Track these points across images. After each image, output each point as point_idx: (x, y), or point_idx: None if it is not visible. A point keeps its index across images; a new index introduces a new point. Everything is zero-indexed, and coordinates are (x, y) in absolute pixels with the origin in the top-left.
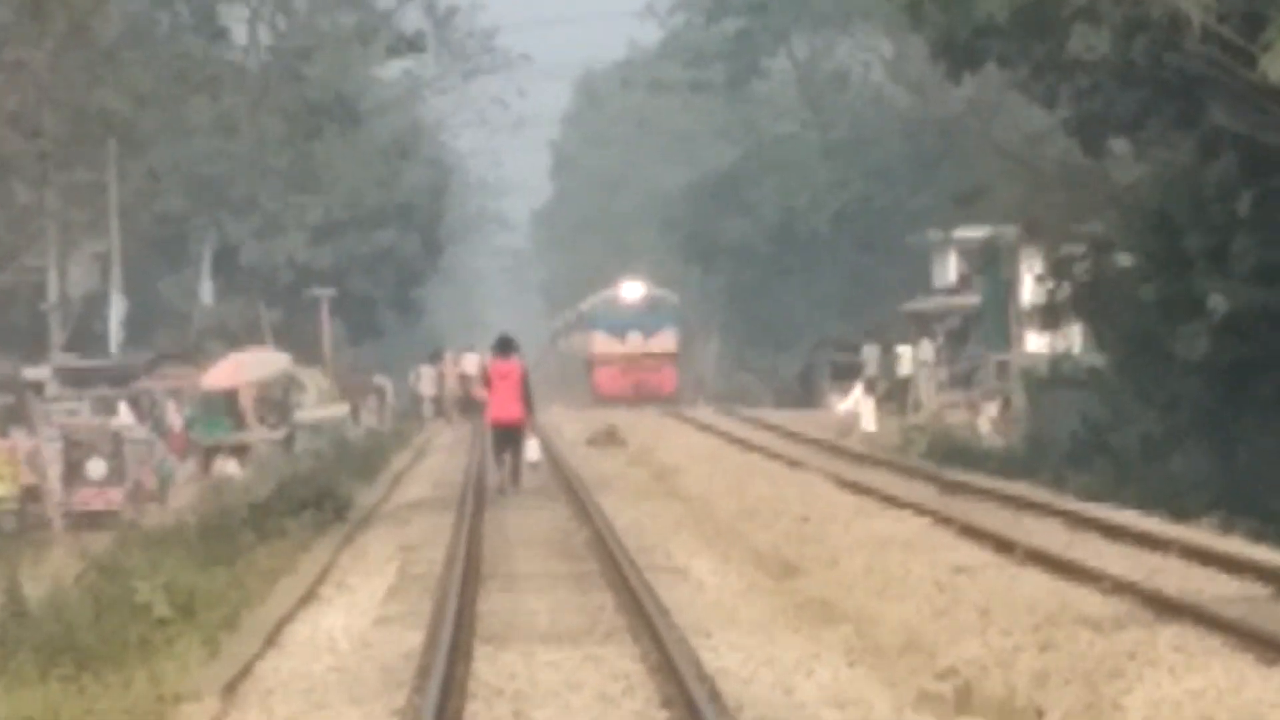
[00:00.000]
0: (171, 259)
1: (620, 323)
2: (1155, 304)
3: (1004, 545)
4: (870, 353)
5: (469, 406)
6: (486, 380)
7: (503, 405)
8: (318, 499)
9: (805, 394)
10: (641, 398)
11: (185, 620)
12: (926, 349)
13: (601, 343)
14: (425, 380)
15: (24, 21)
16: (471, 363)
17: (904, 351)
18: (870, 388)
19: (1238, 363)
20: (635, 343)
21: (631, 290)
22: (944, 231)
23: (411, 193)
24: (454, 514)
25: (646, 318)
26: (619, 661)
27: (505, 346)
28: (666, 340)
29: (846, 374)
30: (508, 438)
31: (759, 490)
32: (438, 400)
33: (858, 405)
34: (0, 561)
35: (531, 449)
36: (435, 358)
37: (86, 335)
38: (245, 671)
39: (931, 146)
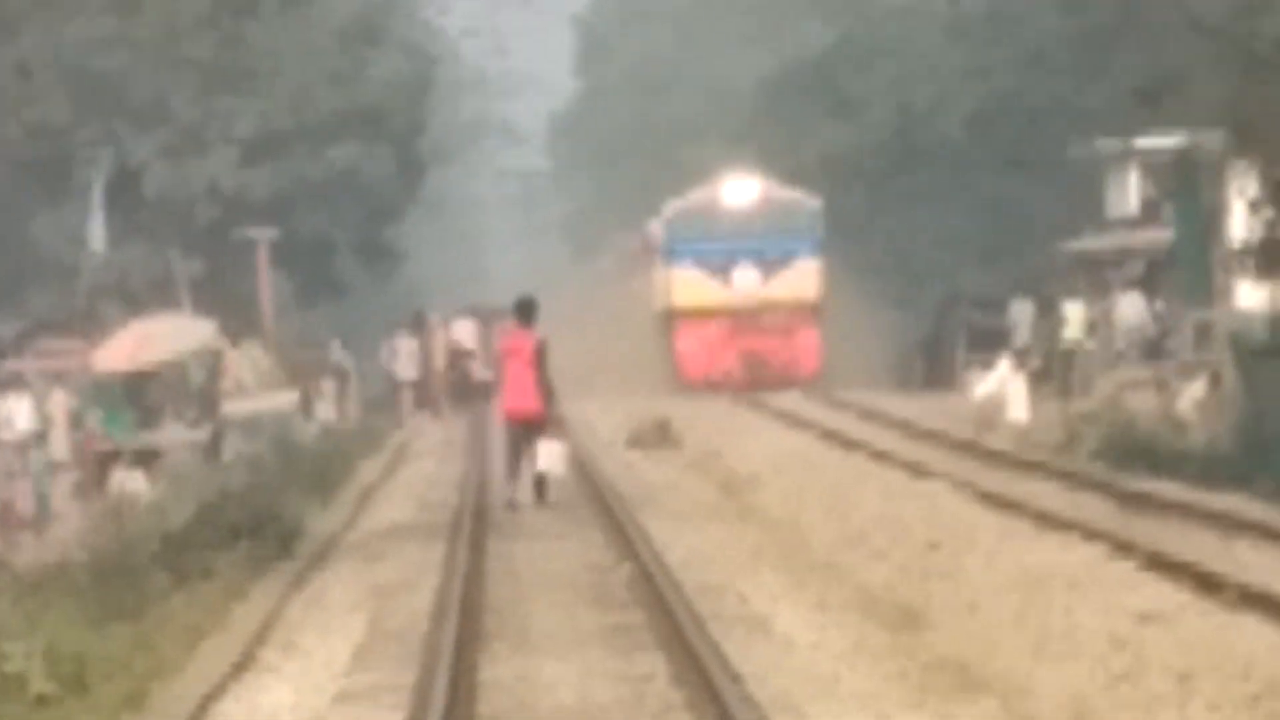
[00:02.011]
0: (50, 190)
1: (723, 249)
2: None
3: (1209, 583)
4: (1021, 312)
5: (466, 392)
6: (498, 357)
7: (520, 392)
8: (256, 525)
9: (931, 369)
10: (761, 382)
11: (74, 697)
12: (1128, 304)
13: (687, 284)
14: (404, 357)
15: None
16: (466, 331)
17: (1071, 311)
18: (1021, 362)
19: None
20: (749, 283)
21: (740, 189)
22: (1122, 140)
23: (382, 93)
24: (445, 545)
25: (768, 240)
26: None
27: (527, 311)
28: (803, 279)
29: (988, 342)
30: (526, 436)
31: (867, 508)
32: (421, 385)
33: (1003, 386)
34: None
35: (554, 456)
36: (417, 325)
37: None
38: None
39: (1105, 22)
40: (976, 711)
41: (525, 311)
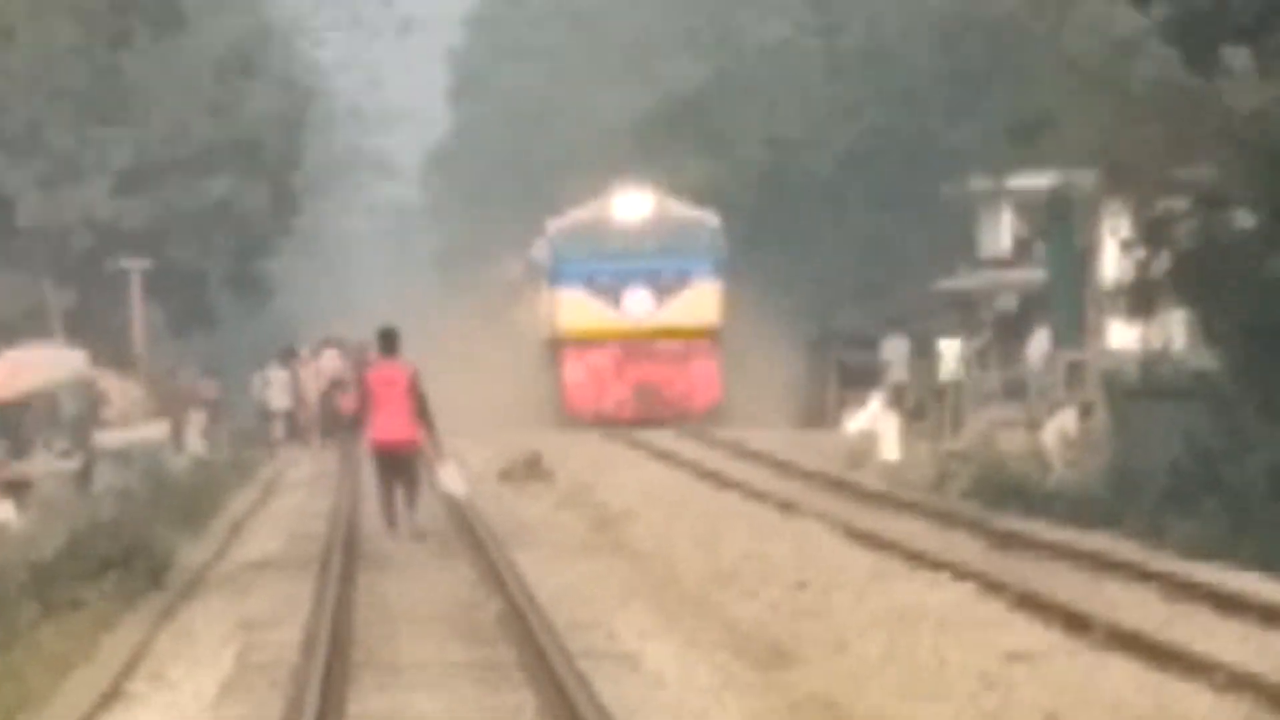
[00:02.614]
0: None
1: (614, 269)
2: None
3: (1078, 623)
4: (895, 350)
5: (335, 424)
6: (365, 388)
7: (389, 423)
8: (126, 557)
9: (804, 407)
10: (654, 415)
11: None
12: (1036, 344)
13: (574, 308)
14: (276, 388)
15: None
16: (333, 362)
17: (946, 348)
18: (894, 399)
19: None
20: (637, 307)
21: (630, 203)
22: (995, 179)
23: (256, 125)
24: (315, 578)
25: (663, 259)
26: None
27: (389, 342)
28: (701, 302)
29: (861, 380)
30: (397, 466)
31: (738, 544)
32: (292, 415)
33: (876, 424)
34: None
35: (452, 478)
36: (287, 356)
37: None
38: None
39: (978, 60)
40: None
41: (388, 342)
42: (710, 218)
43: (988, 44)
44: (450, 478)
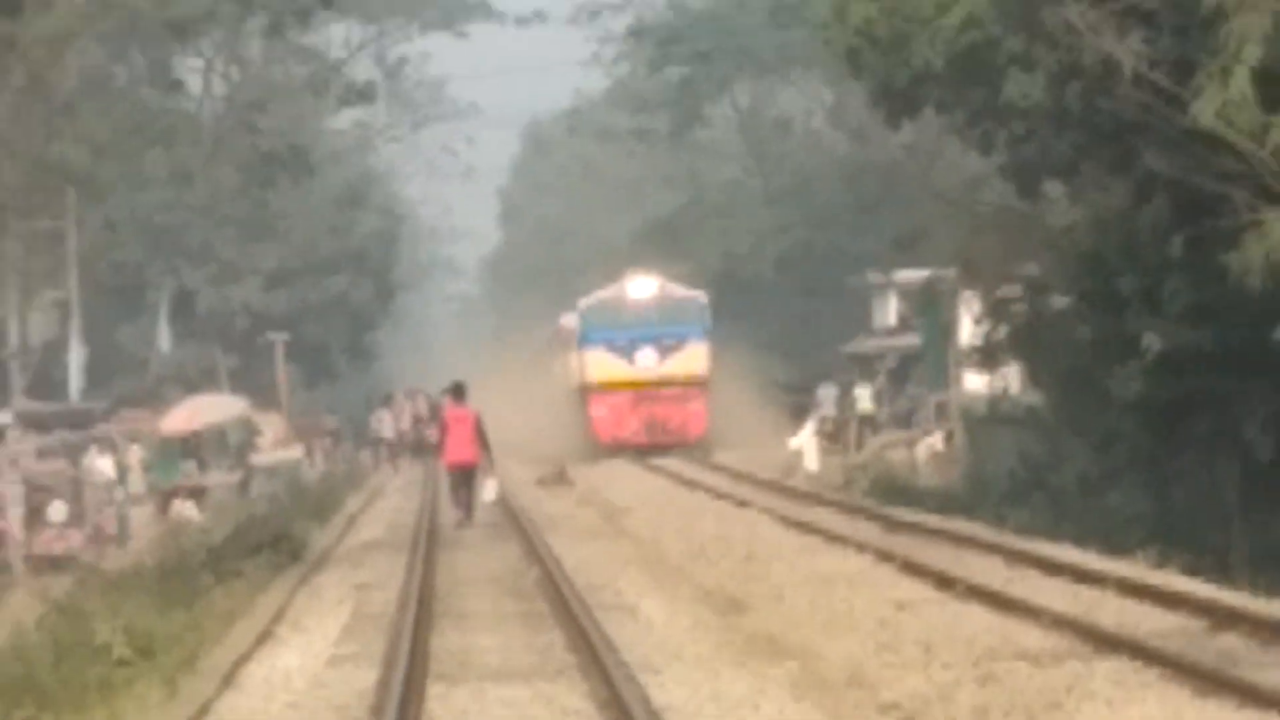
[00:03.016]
0: (130, 306)
1: (624, 335)
2: (1090, 344)
3: (945, 581)
4: (826, 393)
5: (421, 449)
6: (442, 424)
7: (459, 448)
8: (274, 541)
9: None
10: (658, 443)
11: (144, 661)
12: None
13: (599, 364)
14: (384, 423)
15: None
16: (419, 405)
17: (861, 391)
18: (821, 427)
19: (1172, 402)
20: (646, 362)
21: (641, 286)
22: (884, 274)
23: (364, 240)
24: (407, 555)
25: (662, 326)
26: (569, 698)
27: (459, 392)
28: (694, 360)
29: (798, 414)
30: (464, 479)
31: (706, 529)
32: (391, 444)
33: (805, 443)
34: None
35: (490, 489)
36: (387, 400)
37: (47, 381)
38: (203, 711)
39: (871, 191)
40: (782, 671)
41: (458, 392)
42: (700, 296)
43: (879, 180)
44: (489, 490)
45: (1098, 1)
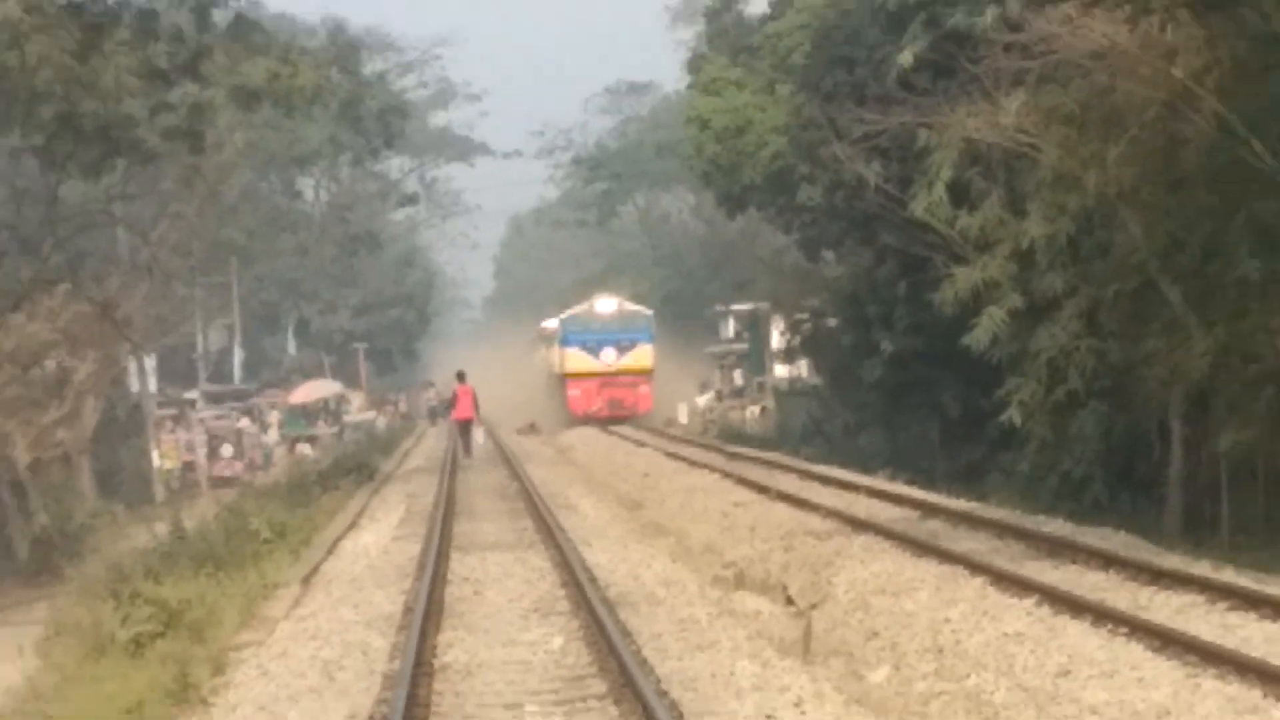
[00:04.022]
0: (270, 327)
1: (593, 338)
2: (849, 348)
3: (762, 489)
4: (710, 377)
5: (446, 413)
6: (453, 395)
7: (463, 410)
8: (357, 467)
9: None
10: (616, 416)
11: (279, 540)
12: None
13: (575, 359)
14: (428, 398)
15: (181, 189)
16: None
17: (724, 375)
18: (716, 397)
19: (898, 383)
20: (609, 358)
21: (605, 304)
22: (725, 306)
23: (411, 287)
24: (438, 475)
25: (620, 332)
26: (536, 560)
27: (462, 377)
28: (642, 356)
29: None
30: (465, 429)
31: (619, 459)
32: (432, 411)
33: (682, 410)
34: (169, 507)
35: (479, 435)
36: (426, 385)
37: (220, 373)
38: (314, 570)
39: (718, 257)
40: (664, 544)
41: (461, 376)
42: (647, 311)
43: (723, 250)
44: (479, 436)
45: (853, 143)
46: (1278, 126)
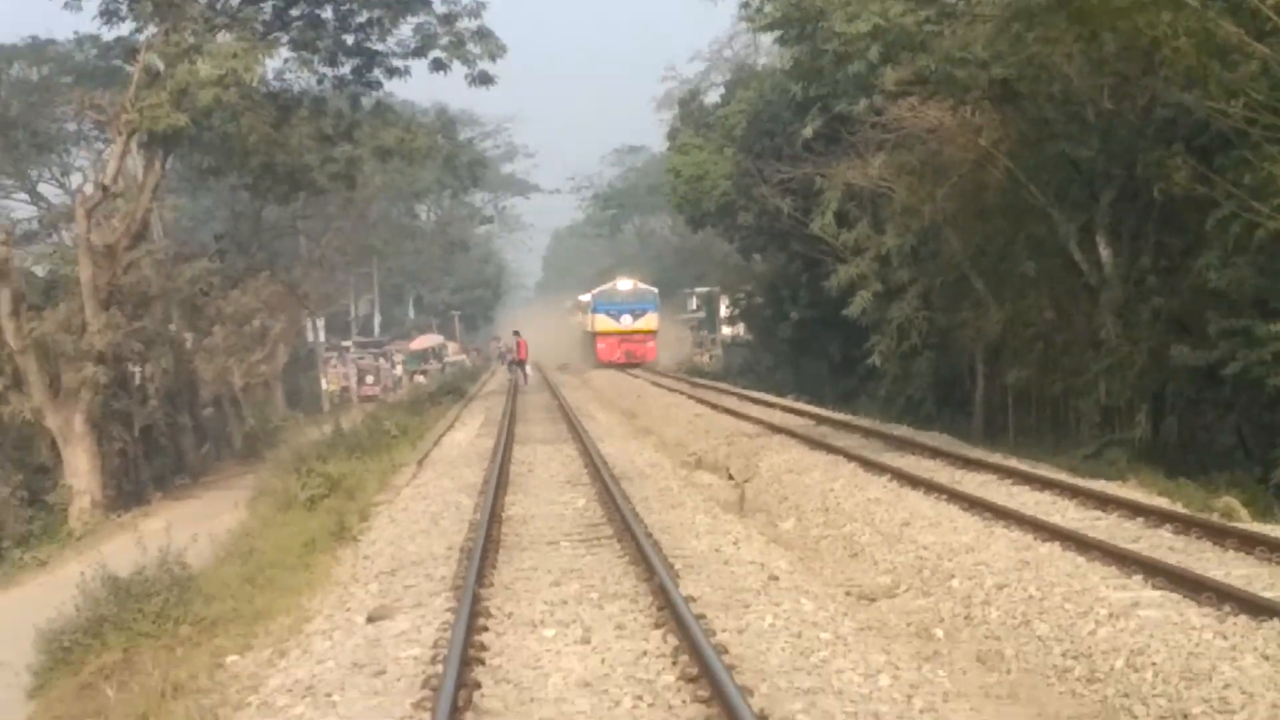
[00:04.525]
0: (397, 300)
1: (615, 307)
2: (770, 316)
3: (713, 406)
4: (682, 335)
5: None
6: (513, 345)
7: (520, 352)
8: (454, 390)
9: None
10: (630, 363)
11: (402, 436)
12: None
13: (602, 322)
14: (500, 346)
15: (340, 212)
16: (509, 339)
17: (685, 334)
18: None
19: (801, 339)
20: (626, 322)
21: (624, 284)
22: (692, 290)
23: (488, 276)
24: (506, 396)
25: (635, 304)
26: (568, 450)
27: (517, 334)
28: (650, 321)
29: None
30: (521, 365)
31: (625, 387)
32: (501, 355)
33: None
34: (332, 415)
35: (530, 370)
36: (496, 339)
37: (365, 329)
38: (426, 455)
39: (687, 258)
40: (650, 440)
41: (517, 334)
42: (654, 289)
43: (691, 254)
44: (529, 371)
45: (773, 186)
46: (1045, 177)
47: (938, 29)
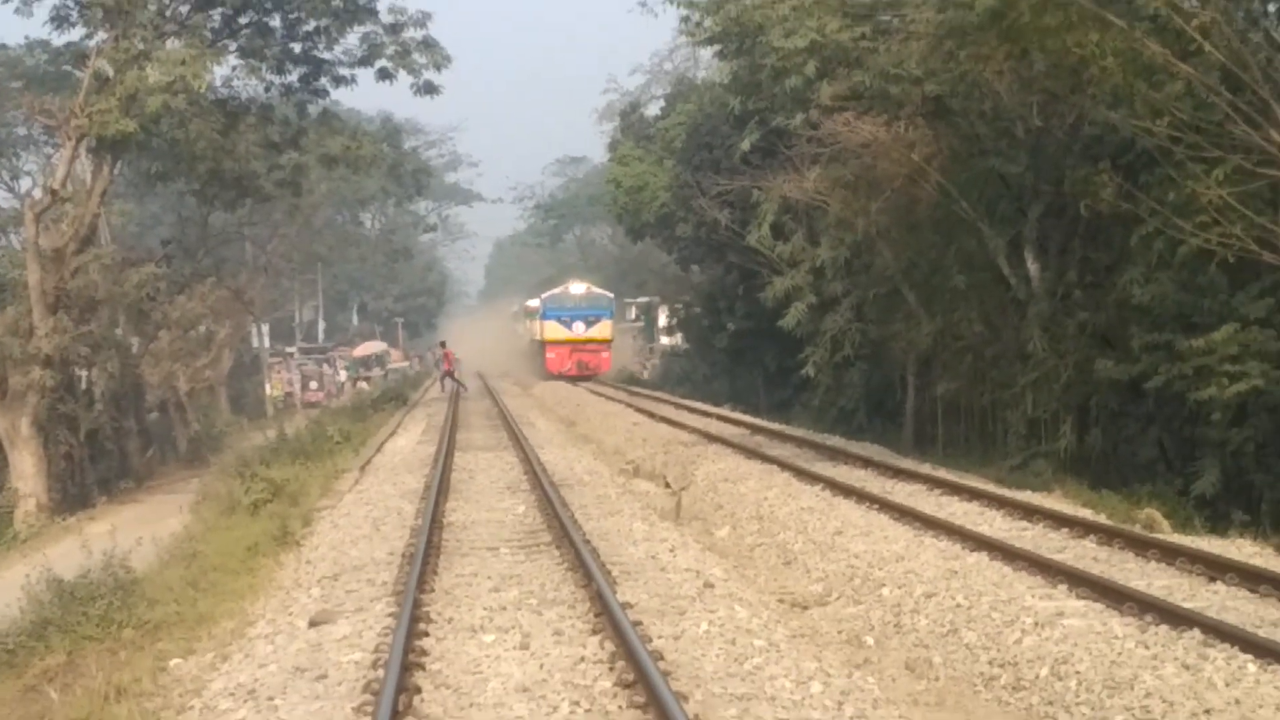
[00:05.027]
0: (341, 307)
1: (567, 313)
2: (707, 326)
3: (651, 415)
4: (628, 343)
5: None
6: (441, 357)
7: (448, 364)
8: (396, 397)
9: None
10: (583, 375)
11: (345, 442)
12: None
13: (551, 329)
14: (436, 358)
15: (286, 218)
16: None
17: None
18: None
19: (737, 349)
20: (579, 330)
21: (577, 287)
22: (632, 300)
23: (431, 284)
24: (448, 404)
25: (589, 310)
26: (509, 458)
27: (443, 344)
28: (604, 329)
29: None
30: (449, 374)
31: (563, 396)
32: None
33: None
34: (276, 421)
35: (468, 379)
36: (439, 346)
37: (309, 335)
38: (368, 462)
39: (627, 268)
40: (589, 448)
41: (443, 344)
42: (609, 294)
43: (631, 265)
44: (467, 380)
45: (711, 198)
46: (975, 192)
47: (873, 46)
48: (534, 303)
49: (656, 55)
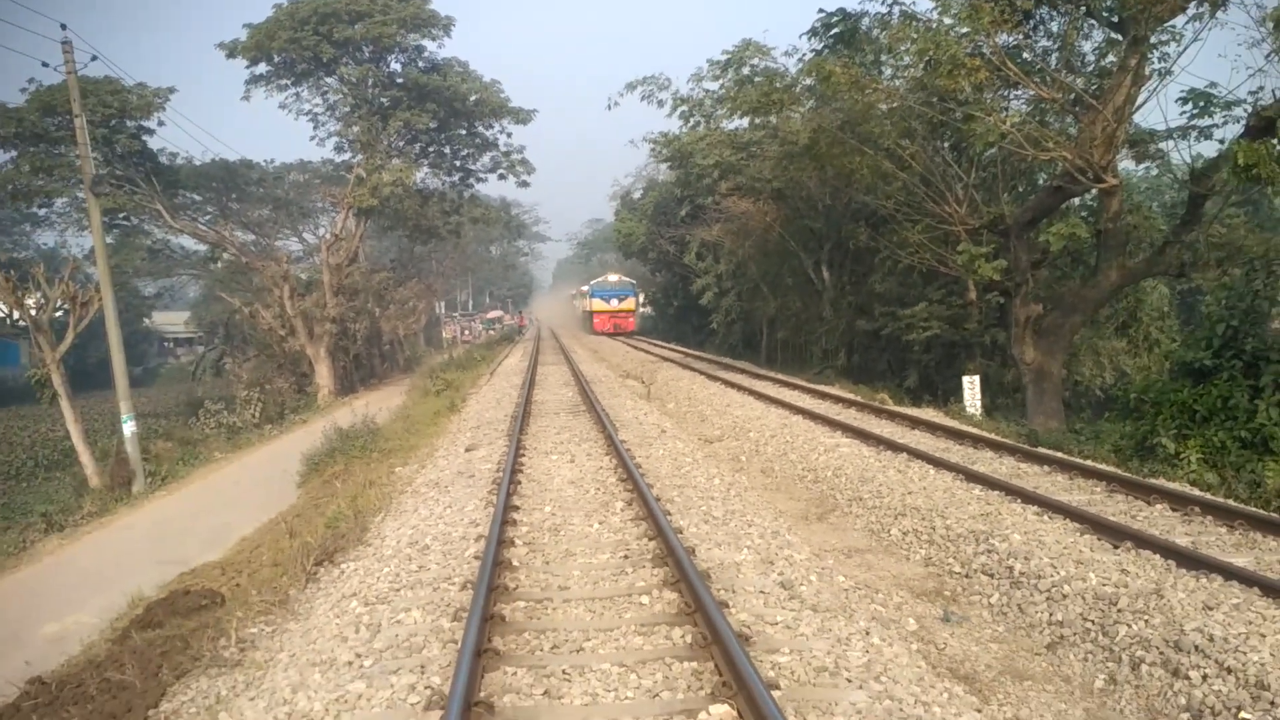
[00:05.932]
0: (480, 294)
1: (606, 293)
2: (663, 304)
3: (635, 348)
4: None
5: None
6: (520, 317)
7: (522, 321)
8: (507, 338)
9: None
10: (617, 331)
11: (483, 361)
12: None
13: (597, 304)
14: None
15: (451, 249)
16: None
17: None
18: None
19: (678, 315)
20: (614, 304)
21: (613, 277)
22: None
23: (526, 282)
24: (533, 343)
25: (619, 291)
26: (565, 370)
27: (522, 313)
28: (630, 304)
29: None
30: (520, 330)
31: (618, 350)
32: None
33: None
34: (448, 350)
35: (533, 328)
36: (519, 315)
37: (464, 308)
38: (494, 370)
39: (632, 270)
40: (605, 364)
41: (522, 312)
42: (633, 281)
43: (627, 273)
44: (532, 328)
45: (667, 240)
46: (798, 237)
47: (747, 163)
48: (585, 288)
49: (639, 166)
